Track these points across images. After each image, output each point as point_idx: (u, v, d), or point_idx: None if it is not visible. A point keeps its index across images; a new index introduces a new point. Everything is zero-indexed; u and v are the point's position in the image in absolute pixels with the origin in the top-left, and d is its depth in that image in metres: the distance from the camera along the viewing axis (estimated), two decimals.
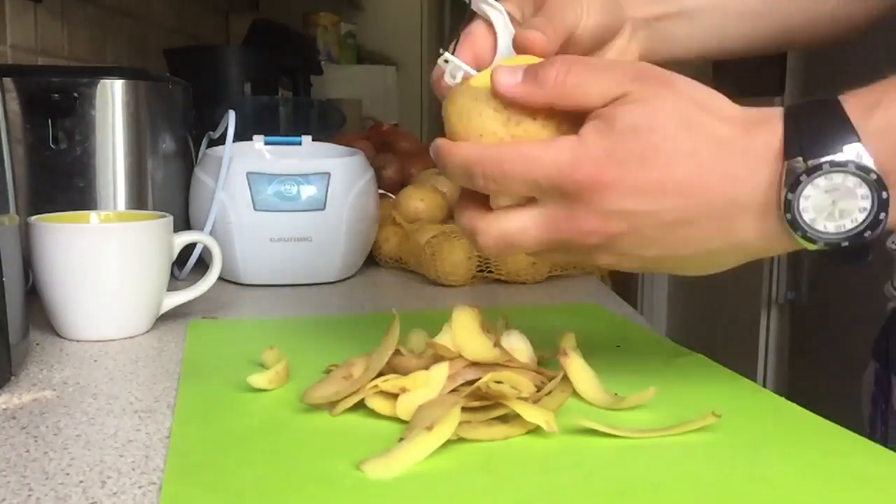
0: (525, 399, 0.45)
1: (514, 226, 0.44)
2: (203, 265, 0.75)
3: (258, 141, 0.93)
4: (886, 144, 0.40)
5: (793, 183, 0.40)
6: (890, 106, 0.40)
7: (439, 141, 0.45)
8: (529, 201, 0.44)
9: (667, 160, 0.41)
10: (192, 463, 0.41)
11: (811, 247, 0.41)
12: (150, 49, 1.53)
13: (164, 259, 0.67)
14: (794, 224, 0.40)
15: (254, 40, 1.77)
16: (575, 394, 0.49)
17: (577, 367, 0.49)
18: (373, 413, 0.46)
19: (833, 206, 0.40)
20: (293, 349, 0.56)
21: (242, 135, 0.89)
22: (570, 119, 0.43)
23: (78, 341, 0.64)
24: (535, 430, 0.44)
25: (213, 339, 0.64)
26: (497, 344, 0.52)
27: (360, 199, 0.87)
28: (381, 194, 0.96)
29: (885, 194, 0.39)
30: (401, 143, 1.52)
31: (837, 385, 1.49)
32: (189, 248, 0.80)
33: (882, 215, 0.40)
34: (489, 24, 0.50)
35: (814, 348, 2.23)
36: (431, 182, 1.06)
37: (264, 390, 0.50)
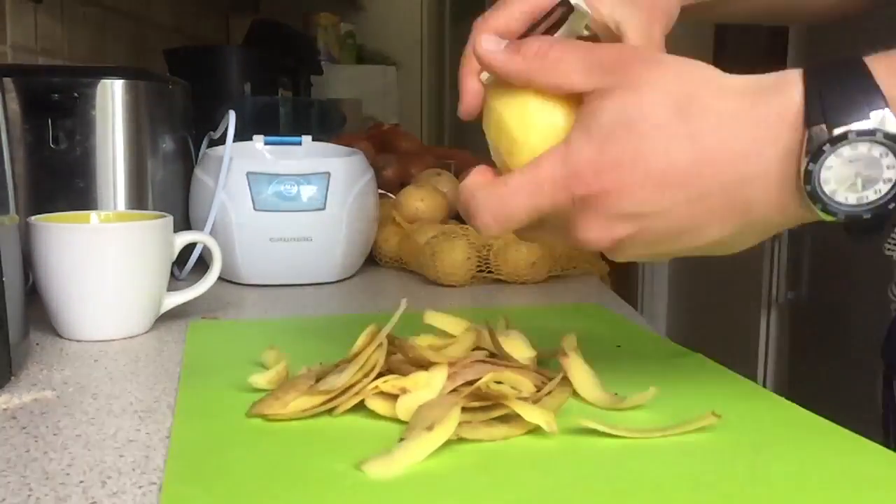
0: (525, 399, 0.45)
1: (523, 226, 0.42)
2: (203, 265, 0.75)
3: (258, 141, 0.93)
4: None
5: (815, 152, 0.36)
6: None
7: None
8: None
9: (664, 149, 0.38)
10: (192, 463, 0.41)
11: (829, 218, 0.38)
12: (150, 49, 1.53)
13: (164, 259, 0.67)
14: (814, 196, 0.37)
15: (254, 40, 1.78)
16: (575, 394, 0.49)
17: (577, 368, 0.49)
18: (373, 413, 0.46)
19: (856, 177, 0.37)
20: (293, 349, 0.56)
21: (242, 135, 0.89)
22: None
23: (78, 341, 0.64)
24: (535, 430, 0.44)
25: (213, 339, 0.64)
26: (496, 344, 0.52)
27: (360, 199, 0.87)
28: (381, 194, 0.96)
29: None
30: (401, 143, 1.52)
31: (837, 385, 1.49)
32: (189, 248, 0.80)
33: None
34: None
35: (814, 348, 2.23)
36: (431, 182, 1.06)
37: (265, 390, 0.50)
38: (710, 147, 0.38)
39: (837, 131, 0.36)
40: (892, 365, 0.64)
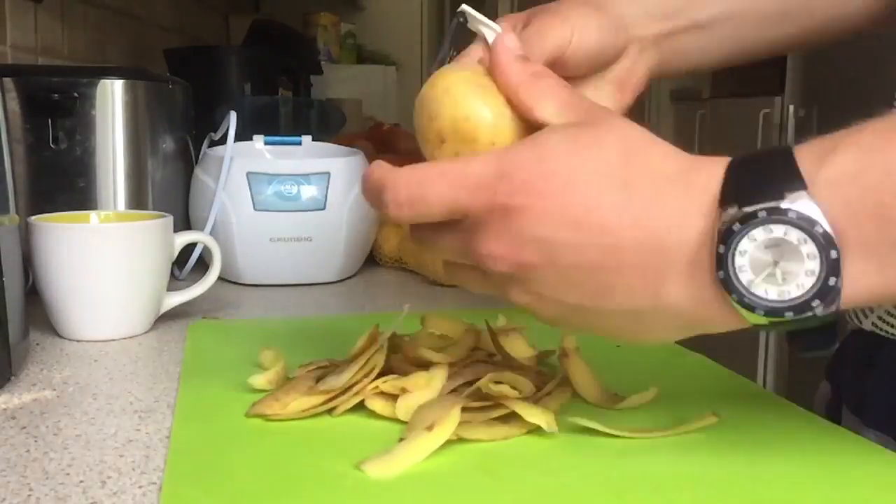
0: (525, 399, 0.45)
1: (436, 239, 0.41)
2: (203, 265, 0.75)
3: (258, 141, 0.93)
4: (838, 196, 0.33)
5: (725, 232, 0.34)
6: (846, 151, 0.34)
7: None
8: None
9: (598, 188, 0.36)
10: (192, 463, 0.41)
11: (751, 318, 0.35)
12: (150, 49, 1.53)
13: (164, 259, 0.67)
14: (728, 285, 0.34)
15: (254, 40, 1.77)
16: (575, 394, 0.49)
17: (577, 367, 0.49)
18: (373, 413, 0.46)
19: (775, 268, 0.34)
20: (294, 349, 0.56)
21: (242, 135, 0.89)
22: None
23: (78, 341, 0.64)
24: (535, 430, 0.44)
25: (213, 339, 0.64)
26: (497, 344, 0.52)
27: (360, 199, 0.87)
28: None
29: (834, 253, 0.33)
30: (401, 143, 1.52)
31: None
32: (189, 248, 0.80)
33: (832, 280, 0.33)
34: (486, 44, 0.46)
35: None
36: None
37: (264, 391, 0.50)
38: (639, 202, 0.36)
39: (747, 209, 0.34)
40: (840, 390, 0.60)
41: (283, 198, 0.83)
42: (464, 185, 0.38)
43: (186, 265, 0.83)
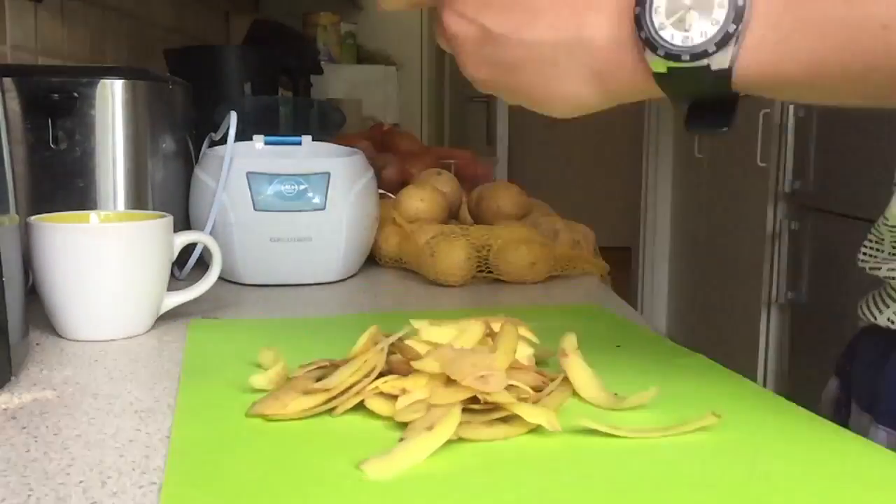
0: (525, 400, 0.45)
1: None
2: (203, 265, 0.75)
3: (258, 141, 0.93)
4: None
5: None
6: None
7: None
8: None
9: None
10: (192, 463, 0.41)
11: (653, 63, 0.37)
12: (150, 49, 1.53)
13: (164, 259, 0.67)
14: (640, 21, 0.37)
15: (254, 40, 1.77)
16: (575, 394, 0.49)
17: (577, 368, 0.49)
18: (373, 413, 0.46)
19: (686, 13, 0.36)
20: (293, 349, 0.56)
21: (242, 135, 0.89)
22: None
23: (78, 341, 0.64)
24: (536, 430, 0.44)
25: (213, 339, 0.64)
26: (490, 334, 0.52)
27: (360, 199, 0.87)
28: (381, 194, 0.96)
29: (741, 1, 0.35)
30: (401, 143, 1.52)
31: None
32: (189, 248, 0.80)
33: (733, 28, 0.35)
34: None
35: (814, 348, 2.23)
36: (431, 182, 1.06)
37: (265, 391, 0.50)
38: None
39: None
40: (847, 386, 0.60)
41: (283, 198, 0.83)
42: None
43: (186, 265, 0.83)
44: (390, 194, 1.09)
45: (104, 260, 0.63)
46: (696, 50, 0.36)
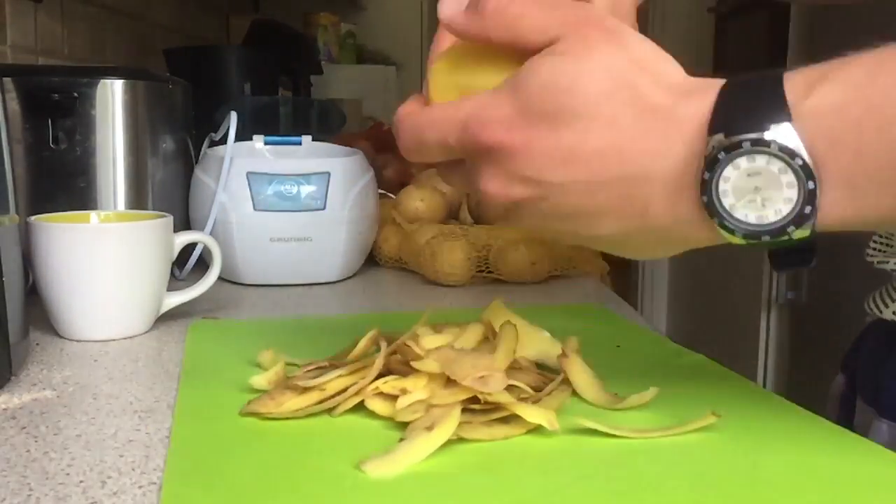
0: (525, 400, 0.45)
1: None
2: (203, 265, 0.75)
3: (258, 141, 0.93)
4: (820, 128, 0.35)
5: (711, 160, 0.36)
6: (833, 83, 0.35)
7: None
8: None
9: (583, 127, 0.37)
10: (192, 463, 0.41)
11: (731, 239, 0.37)
12: (150, 49, 1.53)
13: (164, 259, 0.67)
14: (712, 209, 0.36)
15: (254, 40, 1.77)
16: (575, 394, 0.49)
17: (577, 368, 0.49)
18: (373, 413, 0.46)
19: (756, 194, 0.36)
20: (294, 349, 0.56)
21: (242, 135, 0.89)
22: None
23: (78, 341, 0.64)
24: (535, 430, 0.44)
25: (213, 339, 0.64)
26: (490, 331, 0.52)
27: (360, 199, 0.87)
28: (381, 194, 0.96)
29: (811, 184, 0.35)
30: None
31: None
32: (189, 248, 0.80)
33: (808, 209, 0.35)
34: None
35: (814, 348, 2.23)
36: (431, 182, 1.06)
37: (265, 391, 0.50)
38: (626, 135, 0.37)
39: (734, 139, 0.35)
40: (855, 381, 0.60)
41: (283, 198, 0.83)
42: (451, 130, 0.40)
43: (186, 265, 0.83)
44: (390, 194, 1.09)
45: (104, 260, 0.63)
46: (773, 228, 0.36)
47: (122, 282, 0.64)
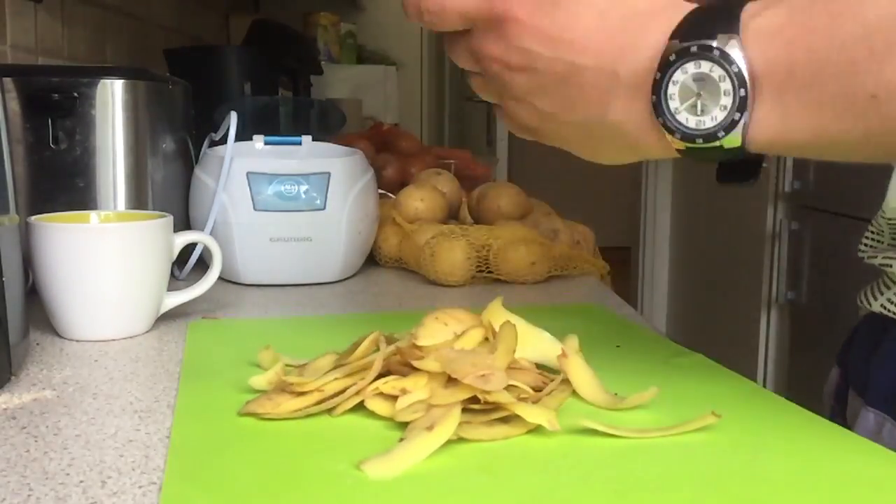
0: (525, 400, 0.45)
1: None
2: (203, 265, 0.75)
3: (258, 141, 0.93)
4: (759, 44, 0.38)
5: (664, 63, 0.40)
6: (781, 5, 0.38)
7: None
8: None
9: (576, 12, 0.42)
10: (192, 463, 0.41)
11: (673, 143, 0.41)
12: (150, 49, 1.53)
13: (164, 259, 0.67)
14: (658, 108, 0.40)
15: (254, 40, 1.77)
16: (575, 394, 0.49)
17: (577, 368, 0.49)
18: (373, 413, 0.46)
19: (698, 100, 0.40)
20: (294, 349, 0.56)
21: (242, 135, 0.89)
22: None
23: (78, 341, 0.64)
24: (535, 430, 0.44)
25: (213, 339, 0.64)
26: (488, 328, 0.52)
27: (360, 199, 0.87)
28: (381, 194, 0.96)
29: (743, 91, 0.38)
30: (401, 143, 1.52)
31: None
32: (189, 248, 0.80)
33: (738, 115, 0.39)
34: None
35: (814, 348, 2.23)
36: (431, 182, 1.06)
37: (265, 391, 0.50)
38: (608, 31, 0.42)
39: (685, 44, 0.39)
40: (848, 373, 0.61)
41: (283, 198, 0.83)
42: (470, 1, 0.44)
43: (186, 265, 0.83)
44: (390, 194, 1.09)
45: (104, 260, 0.63)
46: (708, 132, 0.40)
47: (122, 282, 0.64)
